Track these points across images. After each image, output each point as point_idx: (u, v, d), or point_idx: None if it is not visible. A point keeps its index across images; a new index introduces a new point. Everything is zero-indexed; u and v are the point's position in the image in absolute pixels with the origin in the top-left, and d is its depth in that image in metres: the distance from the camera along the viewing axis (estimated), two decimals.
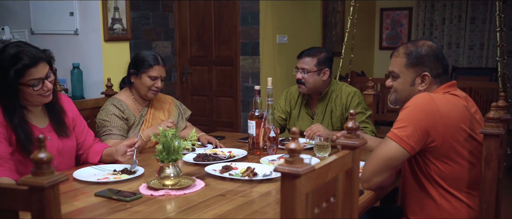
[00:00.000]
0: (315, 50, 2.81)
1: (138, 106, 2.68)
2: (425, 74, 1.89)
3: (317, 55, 2.77)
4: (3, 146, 1.98)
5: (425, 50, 1.89)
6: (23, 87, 2.00)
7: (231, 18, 5.27)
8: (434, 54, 1.89)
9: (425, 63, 1.89)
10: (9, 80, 1.96)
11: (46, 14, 3.74)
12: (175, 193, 1.82)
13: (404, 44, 1.96)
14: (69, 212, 1.63)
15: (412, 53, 1.90)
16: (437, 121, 1.76)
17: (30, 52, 2.00)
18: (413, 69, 1.91)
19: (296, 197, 1.19)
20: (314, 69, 2.75)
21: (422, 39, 1.97)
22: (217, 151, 2.43)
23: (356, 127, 1.54)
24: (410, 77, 1.92)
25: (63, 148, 2.19)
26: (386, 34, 7.78)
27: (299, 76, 2.78)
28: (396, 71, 1.95)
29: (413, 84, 1.92)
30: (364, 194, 1.83)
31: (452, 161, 1.81)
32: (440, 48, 1.93)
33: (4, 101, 2.00)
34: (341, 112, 2.78)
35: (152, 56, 2.64)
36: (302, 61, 2.79)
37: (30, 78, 1.99)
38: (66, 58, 3.61)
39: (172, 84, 5.66)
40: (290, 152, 1.20)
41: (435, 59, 1.89)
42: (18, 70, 1.97)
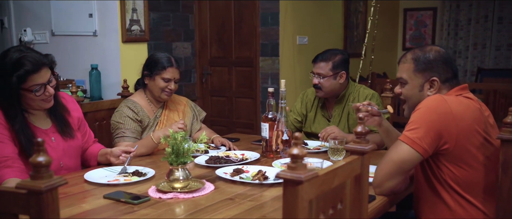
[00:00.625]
0: (330, 53, 2.76)
1: (153, 108, 2.68)
2: (434, 79, 1.86)
3: (332, 59, 2.73)
4: (9, 146, 1.99)
5: (433, 55, 1.87)
6: (25, 92, 2.01)
7: (251, 19, 5.25)
8: (442, 59, 1.86)
9: (433, 69, 1.86)
10: (12, 86, 1.96)
11: (66, 16, 3.78)
12: (184, 196, 1.80)
13: (411, 50, 1.94)
14: (77, 214, 1.63)
15: (419, 59, 1.87)
16: (449, 122, 1.71)
17: (33, 58, 1.99)
18: (421, 75, 1.88)
19: (298, 204, 1.16)
20: (330, 74, 2.71)
21: (430, 45, 1.93)
22: (230, 154, 2.41)
23: (366, 131, 1.50)
24: (419, 82, 1.89)
25: (68, 148, 2.20)
26: (410, 35, 7.65)
27: (316, 81, 2.74)
28: (405, 78, 1.92)
29: (421, 89, 1.89)
30: (376, 200, 1.78)
31: (467, 164, 1.75)
32: (448, 53, 1.90)
33: (6, 106, 2.01)
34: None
35: (165, 58, 2.64)
36: (317, 66, 2.74)
37: (32, 84, 1.99)
38: (84, 60, 3.64)
39: (192, 85, 5.67)
40: (292, 158, 1.17)
41: (443, 64, 1.85)
42: (21, 76, 1.97)
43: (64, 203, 1.74)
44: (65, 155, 2.19)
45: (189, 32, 5.57)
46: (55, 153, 2.14)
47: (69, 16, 3.76)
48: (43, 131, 2.13)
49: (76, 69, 3.67)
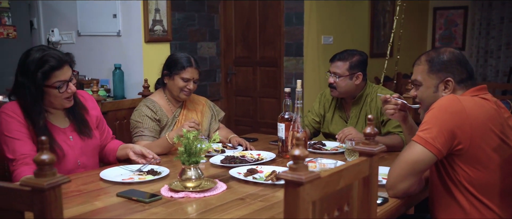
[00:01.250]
0: (348, 53, 2.73)
1: (171, 107, 2.70)
2: (448, 79, 1.84)
3: (349, 59, 2.70)
4: (28, 144, 2.03)
5: (447, 56, 1.85)
6: (49, 89, 2.05)
7: (276, 18, 5.24)
8: (456, 59, 1.84)
9: (447, 69, 1.84)
10: (37, 82, 2.02)
11: (92, 16, 3.85)
12: (195, 195, 1.81)
13: (425, 52, 1.94)
14: (89, 212, 1.66)
15: (434, 60, 1.86)
16: (463, 121, 1.68)
17: (55, 55, 2.06)
18: (436, 75, 1.86)
19: (299, 205, 1.15)
20: (346, 74, 2.68)
21: (444, 47, 1.91)
22: (246, 154, 2.41)
23: (374, 133, 1.47)
24: (433, 83, 1.87)
25: (86, 147, 2.24)
26: (440, 34, 7.51)
27: (331, 80, 2.72)
28: (419, 79, 1.91)
29: (436, 90, 1.87)
30: (388, 202, 1.75)
31: (482, 166, 1.70)
32: (463, 54, 1.88)
33: (30, 104, 2.05)
34: (376, 116, 2.69)
35: (185, 58, 2.66)
36: (334, 65, 2.72)
37: (56, 80, 2.05)
38: (109, 59, 3.70)
39: (217, 85, 5.70)
40: (293, 159, 1.16)
41: (458, 64, 1.83)
42: (46, 72, 2.02)
43: (77, 200, 1.77)
44: (83, 154, 2.22)
45: (214, 32, 5.61)
46: (72, 152, 2.18)
47: (94, 17, 3.83)
48: (61, 130, 2.17)
49: (100, 68, 3.74)
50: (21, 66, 2.06)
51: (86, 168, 2.22)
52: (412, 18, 6.94)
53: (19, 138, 2.04)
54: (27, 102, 2.06)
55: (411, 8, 6.75)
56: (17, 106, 2.09)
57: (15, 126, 2.05)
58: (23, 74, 2.05)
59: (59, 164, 2.13)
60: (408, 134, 2.16)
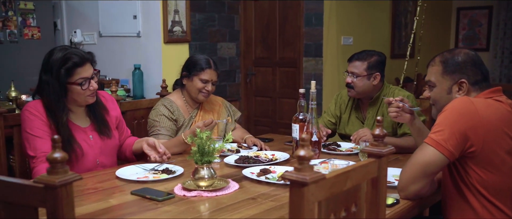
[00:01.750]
0: (366, 53, 2.73)
1: (189, 108, 2.74)
2: (462, 81, 1.82)
3: (367, 59, 2.70)
4: (49, 142, 2.08)
5: (461, 57, 1.84)
6: (72, 86, 2.11)
7: (295, 19, 5.25)
8: (471, 61, 1.82)
9: (462, 70, 1.83)
10: (60, 79, 2.08)
11: (112, 17, 3.92)
12: (207, 194, 1.84)
13: (440, 53, 1.92)
14: (103, 209, 1.70)
15: (448, 61, 1.85)
16: (476, 123, 1.67)
17: (78, 53, 2.13)
18: (450, 77, 1.85)
19: (303, 205, 1.17)
20: (364, 74, 2.68)
21: (459, 48, 1.89)
22: (260, 154, 2.43)
23: (383, 134, 1.48)
24: (447, 85, 1.86)
25: (105, 146, 2.29)
26: (463, 34, 7.41)
27: (349, 80, 2.72)
28: (433, 80, 1.90)
29: (450, 92, 1.86)
30: (399, 204, 1.75)
31: (495, 168, 1.69)
32: (478, 56, 1.86)
33: (54, 101, 2.11)
34: None
35: (204, 59, 2.69)
36: (352, 65, 2.72)
37: (78, 77, 2.11)
38: (129, 60, 3.76)
39: (236, 85, 5.73)
40: (298, 159, 1.18)
41: (472, 66, 1.82)
42: (69, 69, 2.08)
43: (93, 198, 1.81)
44: (102, 153, 2.27)
45: (234, 33, 5.64)
46: (92, 151, 2.23)
47: (115, 18, 3.90)
48: (82, 129, 2.22)
49: (121, 69, 3.81)
50: (44, 65, 2.13)
51: (105, 167, 2.27)
52: (434, 18, 6.86)
53: (41, 136, 2.09)
54: (51, 99, 2.11)
55: (434, 8, 6.68)
56: (41, 104, 2.15)
57: (37, 124, 2.10)
58: (46, 72, 2.11)
59: (78, 163, 2.18)
60: (417, 136, 2.17)
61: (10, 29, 3.96)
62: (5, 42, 3.95)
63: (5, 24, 3.94)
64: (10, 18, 3.96)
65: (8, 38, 3.97)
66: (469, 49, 1.89)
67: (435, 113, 1.93)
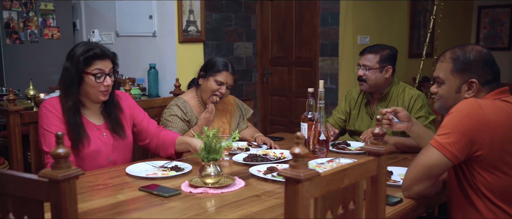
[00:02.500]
0: (378, 47, 2.74)
1: (202, 108, 2.77)
2: (473, 81, 1.78)
3: (380, 52, 2.70)
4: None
5: (473, 55, 1.78)
6: (87, 76, 2.17)
7: (312, 19, 5.25)
8: (483, 59, 1.77)
9: (472, 70, 1.78)
10: (78, 66, 2.15)
11: (129, 17, 3.99)
12: (213, 191, 1.87)
13: (451, 49, 1.86)
14: (111, 204, 1.74)
15: (459, 58, 1.80)
16: (483, 128, 1.65)
17: (101, 46, 2.24)
18: (460, 76, 1.81)
19: (298, 202, 1.19)
20: (376, 67, 2.68)
21: (472, 44, 1.85)
22: (269, 152, 2.45)
23: (383, 133, 1.49)
24: (456, 84, 1.82)
25: (118, 144, 2.33)
26: (484, 33, 7.30)
27: (361, 73, 2.72)
28: (442, 77, 1.86)
29: (459, 91, 1.82)
30: (402, 203, 1.76)
31: (502, 172, 1.68)
32: (490, 54, 1.81)
33: (66, 86, 2.17)
34: None
35: (223, 62, 2.71)
36: (364, 58, 2.73)
37: (95, 68, 2.17)
38: (145, 59, 3.83)
39: (253, 84, 5.77)
40: (294, 157, 1.20)
41: (484, 65, 1.77)
42: (88, 58, 2.16)
43: (102, 193, 1.87)
44: (114, 151, 2.32)
45: (251, 32, 5.67)
46: (105, 148, 2.28)
47: (131, 18, 3.96)
48: (96, 126, 2.28)
49: (137, 68, 3.87)
50: (68, 53, 2.21)
51: (117, 164, 2.32)
52: (455, 17, 6.79)
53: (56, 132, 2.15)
54: (65, 85, 2.18)
55: (455, 7, 6.61)
56: (58, 101, 2.21)
57: (53, 121, 2.16)
58: (67, 59, 2.20)
59: (91, 159, 2.24)
60: (419, 141, 2.20)
61: (31, 29, 4.07)
62: (26, 42, 4.05)
63: (26, 25, 4.04)
64: (31, 19, 4.06)
65: (29, 38, 4.07)
66: (482, 46, 1.83)
67: (438, 106, 1.91)
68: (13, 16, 3.95)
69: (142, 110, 2.51)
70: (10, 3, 3.92)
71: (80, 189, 1.93)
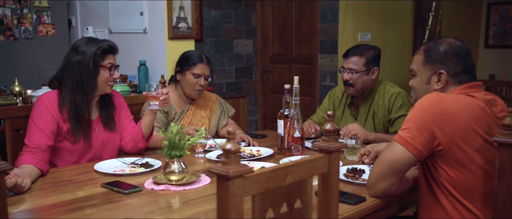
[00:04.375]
0: (363, 48, 2.67)
1: (181, 103, 2.76)
2: (441, 72, 1.76)
3: (365, 54, 2.63)
4: (44, 137, 2.12)
5: (444, 47, 1.77)
6: (102, 69, 2.22)
7: (311, 15, 5.19)
8: (454, 52, 1.75)
9: (442, 61, 1.76)
10: (94, 59, 2.19)
11: (122, 14, 3.98)
12: (175, 188, 1.84)
13: (426, 42, 1.87)
14: (68, 200, 1.72)
15: (430, 50, 1.80)
16: (443, 121, 1.60)
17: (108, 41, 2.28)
18: (430, 67, 1.79)
19: (229, 199, 1.16)
20: (362, 69, 2.62)
21: (448, 37, 1.81)
22: (245, 149, 2.41)
23: (334, 129, 1.44)
24: (426, 75, 1.80)
25: (107, 140, 2.33)
26: (493, 31, 7.14)
27: (347, 77, 2.65)
28: (415, 69, 1.86)
29: (429, 82, 1.80)
30: (365, 202, 1.71)
31: (464, 167, 1.62)
32: (463, 47, 1.78)
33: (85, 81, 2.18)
34: (383, 114, 2.62)
35: (197, 54, 2.71)
36: (350, 61, 2.65)
37: (108, 62, 2.23)
38: (136, 56, 3.82)
39: (253, 82, 5.73)
40: (225, 153, 1.16)
41: (454, 56, 1.75)
42: (104, 51, 2.21)
43: (63, 189, 1.85)
44: (103, 147, 2.32)
45: (251, 30, 5.64)
46: (95, 143, 2.28)
47: (123, 15, 3.96)
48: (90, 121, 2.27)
49: (130, 65, 3.86)
50: (77, 49, 2.21)
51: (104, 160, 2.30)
52: (464, 14, 6.66)
53: (42, 128, 2.13)
54: (81, 79, 2.18)
55: (463, 4, 6.48)
56: (55, 96, 2.20)
57: (44, 117, 2.15)
58: (77, 54, 2.20)
59: (81, 153, 2.24)
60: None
61: (25, 26, 4.08)
62: (20, 39, 4.07)
63: (20, 22, 4.06)
64: (25, 16, 4.08)
65: (23, 35, 4.09)
66: (456, 40, 1.81)
67: (413, 100, 1.89)
68: (7, 13, 3.97)
69: (129, 111, 2.52)
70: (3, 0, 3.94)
71: (43, 185, 1.92)
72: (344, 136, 2.46)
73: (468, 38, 6.85)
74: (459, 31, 6.56)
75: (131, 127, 2.45)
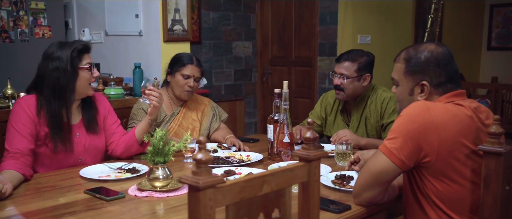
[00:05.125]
0: (355, 53, 2.63)
1: (172, 105, 2.74)
2: (424, 83, 1.69)
3: (357, 60, 2.59)
4: (25, 142, 2.10)
5: (424, 56, 1.69)
6: (82, 71, 2.19)
7: (311, 18, 5.16)
8: (435, 61, 1.68)
9: (424, 71, 1.69)
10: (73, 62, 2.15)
11: (117, 16, 3.97)
12: (158, 195, 1.81)
13: (406, 48, 1.78)
14: (48, 207, 1.69)
15: (411, 59, 1.72)
16: (430, 131, 1.55)
17: (80, 41, 2.27)
18: (412, 77, 1.72)
19: (200, 210, 1.12)
20: (354, 75, 2.58)
21: (427, 42, 1.75)
22: (235, 154, 2.38)
23: (314, 137, 1.41)
24: (409, 86, 1.74)
25: (90, 144, 2.29)
26: (496, 33, 7.08)
27: (338, 82, 2.61)
28: (396, 79, 1.79)
29: (412, 93, 1.73)
30: (350, 210, 1.67)
31: (451, 180, 1.58)
32: (445, 54, 1.69)
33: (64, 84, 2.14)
34: (376, 119, 2.58)
35: (187, 56, 2.70)
36: (341, 66, 2.62)
37: (86, 62, 2.21)
38: (131, 58, 3.80)
39: (252, 84, 5.70)
40: (196, 162, 1.13)
41: (435, 66, 1.68)
42: (80, 51, 2.18)
43: (45, 195, 1.82)
44: (85, 152, 2.28)
45: (251, 32, 5.61)
46: (76, 148, 2.24)
47: (119, 17, 3.94)
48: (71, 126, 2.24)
49: (125, 67, 3.85)
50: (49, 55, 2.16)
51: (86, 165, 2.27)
52: (466, 16, 6.61)
53: (21, 132, 2.11)
54: (59, 85, 2.14)
55: (465, 5, 6.43)
56: (34, 100, 2.17)
57: (23, 120, 2.12)
58: (52, 60, 2.15)
59: (61, 159, 2.20)
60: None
61: (21, 28, 4.07)
62: (16, 42, 4.06)
63: (17, 24, 4.05)
64: (22, 18, 4.07)
65: (19, 38, 4.08)
66: (438, 45, 1.73)
67: (398, 109, 1.84)
68: (3, 15, 3.97)
69: (116, 116, 2.47)
70: None
71: (26, 190, 1.90)
72: (334, 142, 2.43)
73: (470, 40, 6.80)
74: (461, 33, 6.50)
75: (120, 131, 2.42)
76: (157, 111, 2.37)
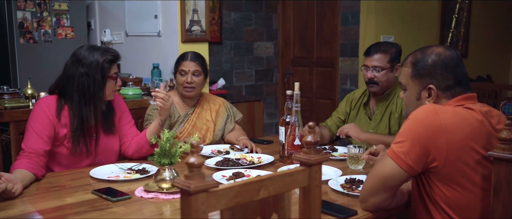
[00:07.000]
0: (385, 45, 2.62)
1: (185, 106, 2.74)
2: (431, 87, 1.65)
3: (388, 51, 2.58)
4: (41, 142, 2.11)
5: (431, 59, 1.65)
6: (109, 80, 2.21)
7: (332, 18, 5.11)
8: (442, 64, 1.63)
9: (431, 75, 1.65)
10: (103, 71, 2.17)
11: (137, 17, 4.00)
12: (165, 196, 1.81)
13: (413, 52, 1.73)
14: (54, 207, 1.71)
15: (418, 63, 1.68)
16: (438, 137, 1.50)
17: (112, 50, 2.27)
18: (419, 81, 1.68)
19: (191, 214, 1.11)
20: (387, 67, 2.57)
21: (435, 46, 1.71)
22: (246, 156, 2.37)
23: (315, 141, 1.38)
24: (416, 90, 1.70)
25: (106, 145, 2.31)
26: None
27: (371, 75, 2.58)
28: (404, 83, 1.75)
29: (419, 98, 1.69)
30: (357, 216, 1.64)
31: (460, 186, 1.53)
32: (453, 57, 1.65)
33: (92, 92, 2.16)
34: (400, 114, 2.55)
35: (183, 53, 2.76)
36: (372, 59, 2.59)
37: (114, 72, 2.23)
38: (150, 59, 3.82)
39: (274, 85, 5.68)
40: (188, 167, 1.12)
41: (443, 70, 1.63)
42: (110, 61, 2.19)
43: (53, 195, 1.84)
44: (102, 153, 2.31)
45: (272, 32, 5.58)
46: (93, 149, 2.27)
47: (139, 17, 3.97)
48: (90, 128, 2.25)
49: (145, 67, 3.88)
50: (81, 58, 2.16)
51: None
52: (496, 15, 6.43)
53: (39, 133, 2.13)
54: (89, 91, 2.16)
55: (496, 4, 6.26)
56: (54, 101, 2.19)
57: (42, 121, 2.14)
58: (82, 65, 2.15)
59: (78, 159, 2.23)
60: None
61: (45, 29, 4.14)
62: (39, 42, 4.14)
63: (40, 25, 4.13)
64: (45, 19, 4.14)
65: (43, 38, 4.15)
66: (447, 48, 1.70)
67: (406, 116, 1.79)
68: (27, 16, 4.04)
69: (131, 116, 2.49)
70: (24, 3, 4.01)
71: (37, 190, 1.92)
72: (339, 135, 2.43)
73: (501, 41, 6.62)
74: (491, 33, 6.34)
75: (133, 132, 2.43)
76: (165, 112, 2.38)
